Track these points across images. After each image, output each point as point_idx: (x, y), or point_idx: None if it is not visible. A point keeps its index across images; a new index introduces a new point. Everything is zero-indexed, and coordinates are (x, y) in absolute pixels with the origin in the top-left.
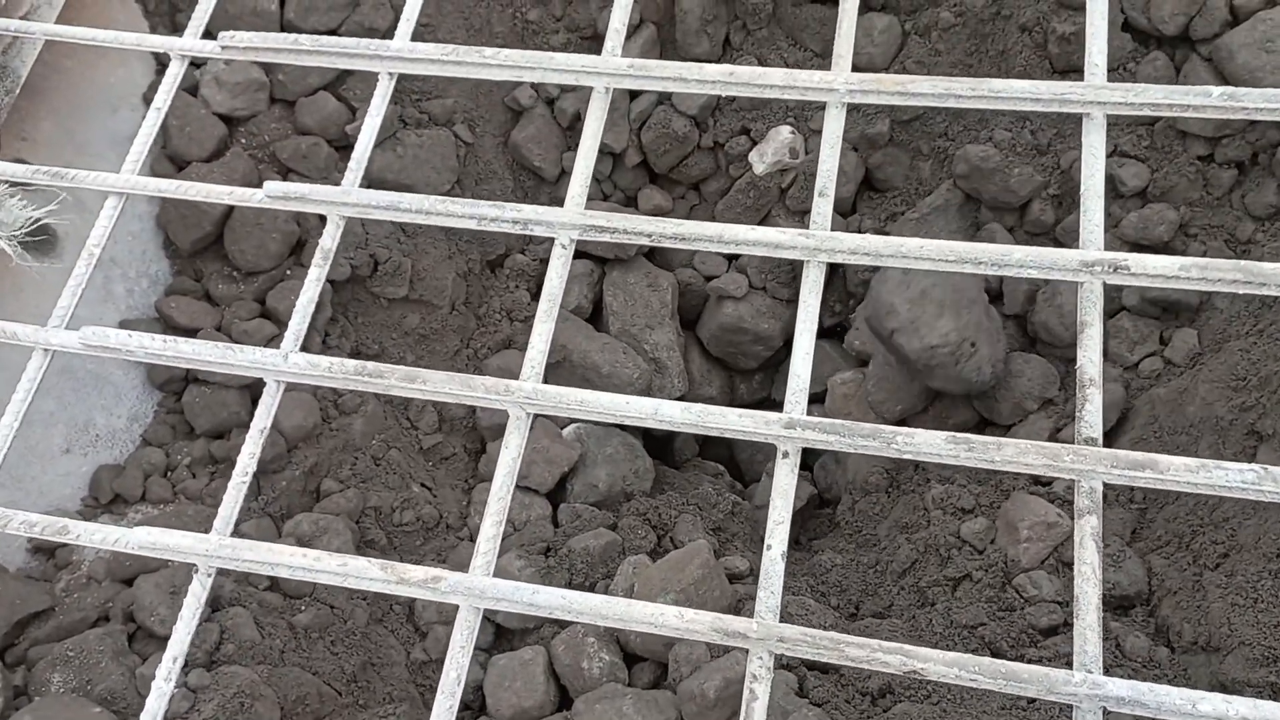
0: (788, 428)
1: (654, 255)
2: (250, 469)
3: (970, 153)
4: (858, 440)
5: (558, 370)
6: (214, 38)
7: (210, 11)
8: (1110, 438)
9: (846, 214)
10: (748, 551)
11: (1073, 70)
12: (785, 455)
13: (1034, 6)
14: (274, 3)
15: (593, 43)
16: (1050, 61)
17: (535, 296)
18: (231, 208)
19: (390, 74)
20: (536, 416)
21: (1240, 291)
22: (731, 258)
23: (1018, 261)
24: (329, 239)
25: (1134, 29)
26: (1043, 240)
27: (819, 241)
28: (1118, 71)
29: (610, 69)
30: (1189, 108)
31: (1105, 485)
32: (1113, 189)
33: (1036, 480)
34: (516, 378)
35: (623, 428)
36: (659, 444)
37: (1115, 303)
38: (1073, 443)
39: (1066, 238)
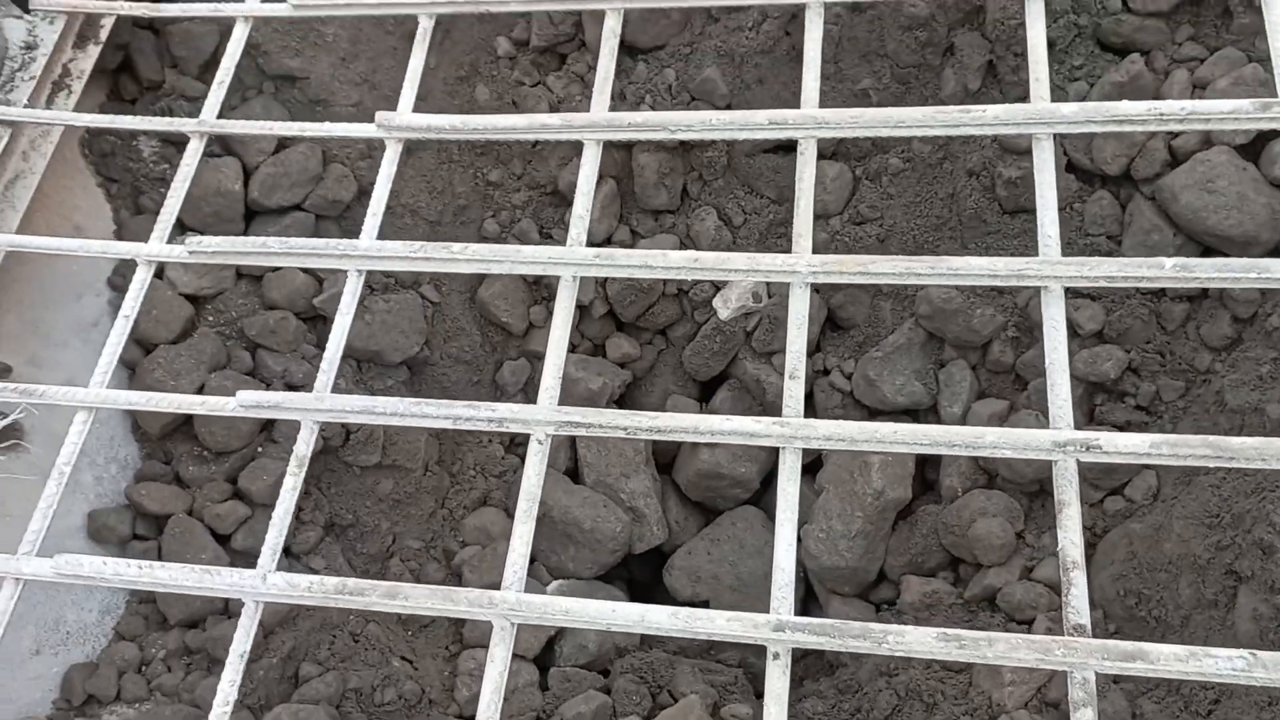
0: (776, 630)
1: (624, 402)
2: (232, 698)
3: (933, 294)
4: (848, 640)
5: (539, 527)
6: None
7: (176, 215)
8: (1090, 566)
9: (811, 353)
10: (752, 696)
11: (1021, 210)
12: (776, 657)
13: (979, 153)
14: (237, 182)
15: (554, 198)
16: (999, 203)
17: (509, 449)
18: (200, 390)
19: (359, 271)
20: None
21: (1211, 465)
22: (704, 399)
23: (990, 444)
24: (304, 445)
25: (1078, 169)
26: (1003, 378)
27: (794, 429)
28: (1064, 211)
29: (577, 259)
30: (1144, 279)
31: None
32: (1070, 331)
33: (1014, 619)
34: (493, 536)
35: (608, 578)
36: (647, 585)
37: None
38: (1061, 630)
39: (1026, 372)
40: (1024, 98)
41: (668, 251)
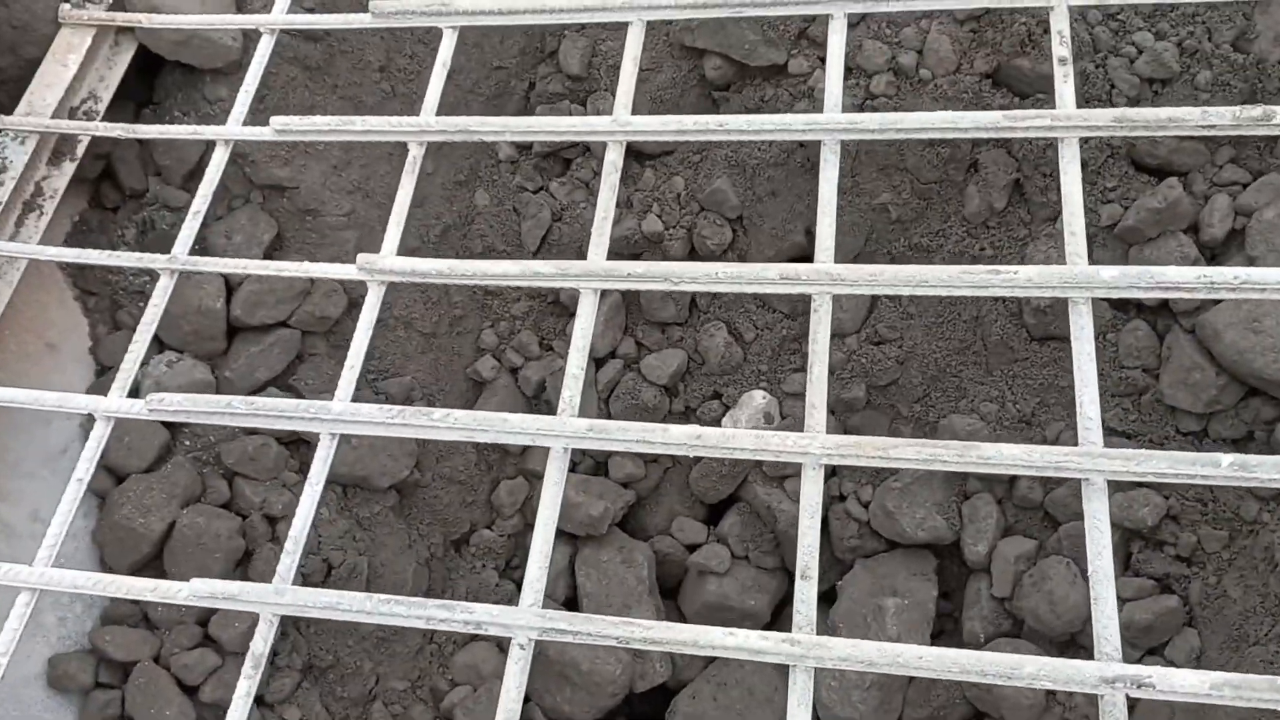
0: None
1: (627, 522)
2: None
3: (956, 425)
4: None
5: (533, 666)
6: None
7: (138, 366)
8: None
9: (827, 476)
10: None
11: (1051, 338)
12: None
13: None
14: (219, 299)
15: (555, 308)
16: (1027, 330)
17: (504, 574)
18: (170, 526)
19: (332, 435)
20: None
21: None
22: (710, 523)
23: (1029, 675)
24: (261, 641)
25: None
26: (1032, 515)
27: (805, 648)
28: (1099, 340)
29: (569, 431)
30: (1198, 477)
31: None
32: None
33: None
34: (485, 675)
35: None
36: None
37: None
38: None
39: (1056, 510)
40: (1053, 218)
41: (669, 427)
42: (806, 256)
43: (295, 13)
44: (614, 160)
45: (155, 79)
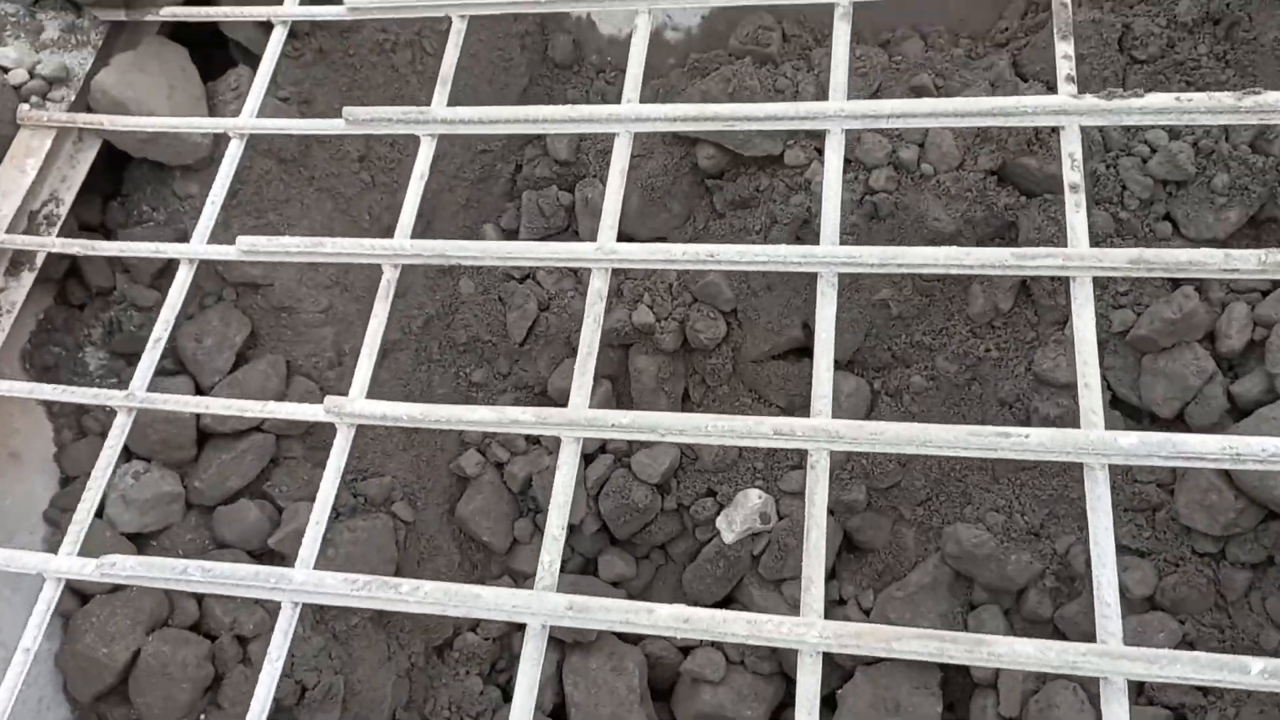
0: None
1: None
2: None
3: (962, 535)
4: None
5: None
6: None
7: (90, 518)
8: None
9: (827, 578)
10: None
11: None
12: None
13: (1011, 381)
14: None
15: (542, 400)
16: None
17: (488, 681)
18: (135, 654)
19: (294, 604)
20: None
21: None
22: None
23: None
24: None
25: (1124, 404)
26: (1041, 629)
27: None
28: None
29: (546, 609)
30: (1225, 681)
31: None
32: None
33: None
34: None
35: None
36: None
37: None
38: None
39: (1066, 627)
40: (1061, 322)
41: (654, 607)
42: (804, 350)
43: (267, 115)
44: (599, 289)
45: (123, 170)
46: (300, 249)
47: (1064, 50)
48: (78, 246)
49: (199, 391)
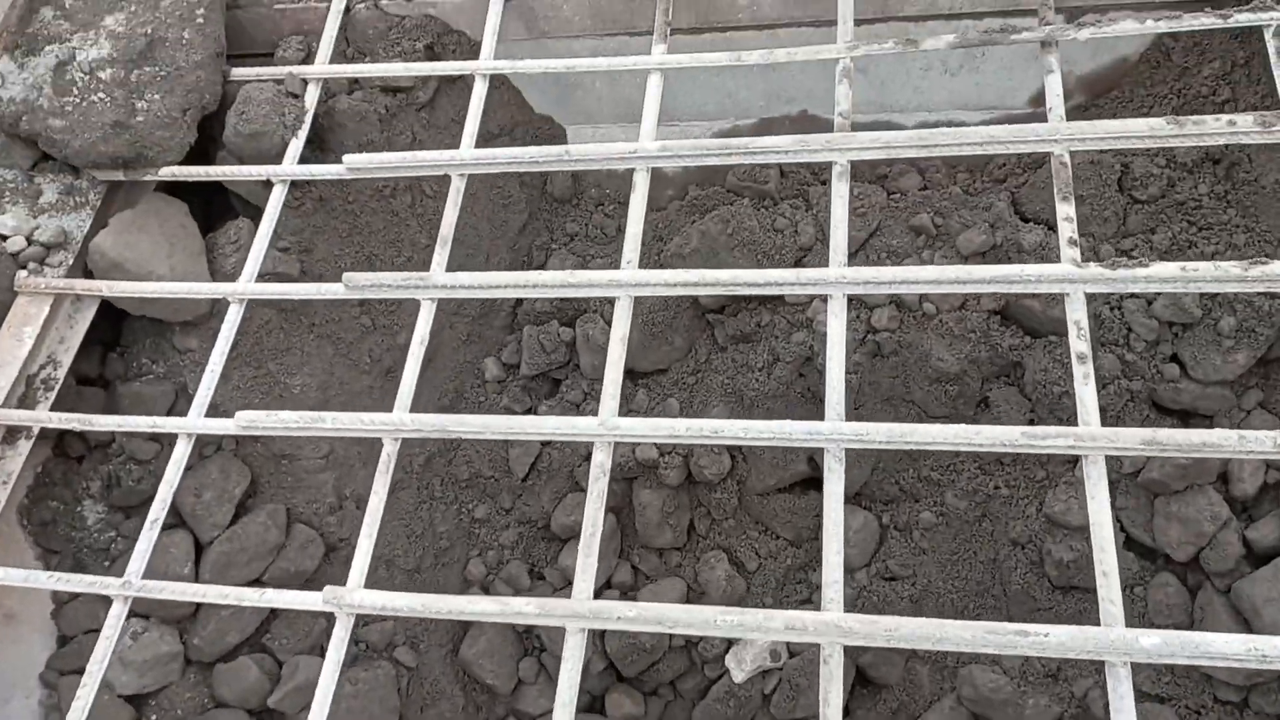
0: None
1: None
2: None
3: (978, 679)
4: None
5: None
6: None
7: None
8: None
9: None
10: None
11: (1074, 588)
12: None
13: (1023, 522)
14: (187, 564)
15: (545, 533)
16: (1049, 580)
17: None
18: None
19: None
20: None
21: None
22: None
23: None
24: None
25: (1137, 545)
26: None
27: None
28: (1126, 593)
29: None
30: None
31: None
32: None
33: None
34: None
35: None
36: None
37: None
38: None
39: None
40: (1073, 461)
41: None
42: (811, 481)
43: (267, 267)
44: (601, 463)
45: (123, 321)
46: (299, 423)
47: (1065, 212)
48: (75, 422)
49: (198, 546)
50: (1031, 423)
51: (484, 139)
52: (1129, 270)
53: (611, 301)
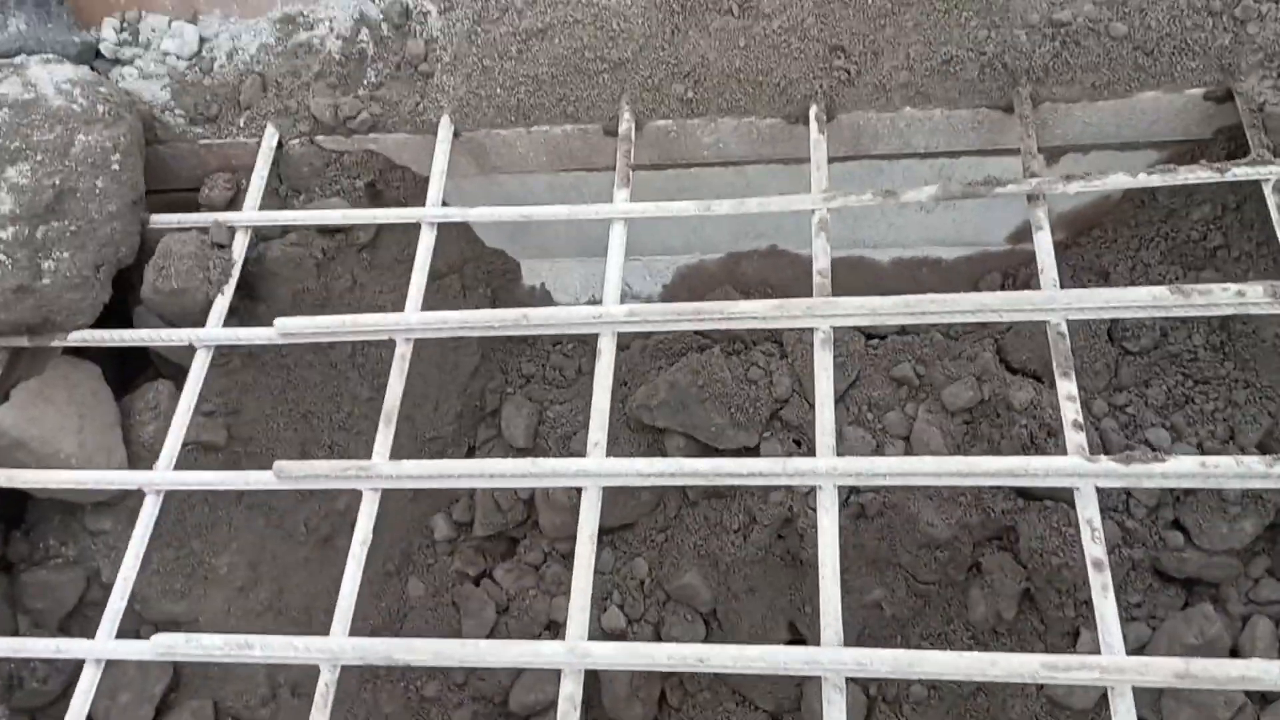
0: None
1: None
2: None
3: None
4: None
5: None
6: None
7: None
8: None
9: None
10: None
11: None
12: None
13: (1023, 701)
14: None
15: (502, 709)
16: None
17: None
18: None
19: None
20: None
21: None
22: None
23: None
24: None
25: None
26: None
27: None
28: None
29: None
30: None
31: None
32: None
33: None
34: None
35: None
36: None
37: None
38: None
39: None
40: (1072, 634)
41: None
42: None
43: (190, 436)
44: (571, 694)
45: (27, 499)
46: (224, 649)
47: (1067, 390)
48: None
49: None
50: (1027, 593)
51: (431, 276)
52: (1144, 466)
53: (570, 450)
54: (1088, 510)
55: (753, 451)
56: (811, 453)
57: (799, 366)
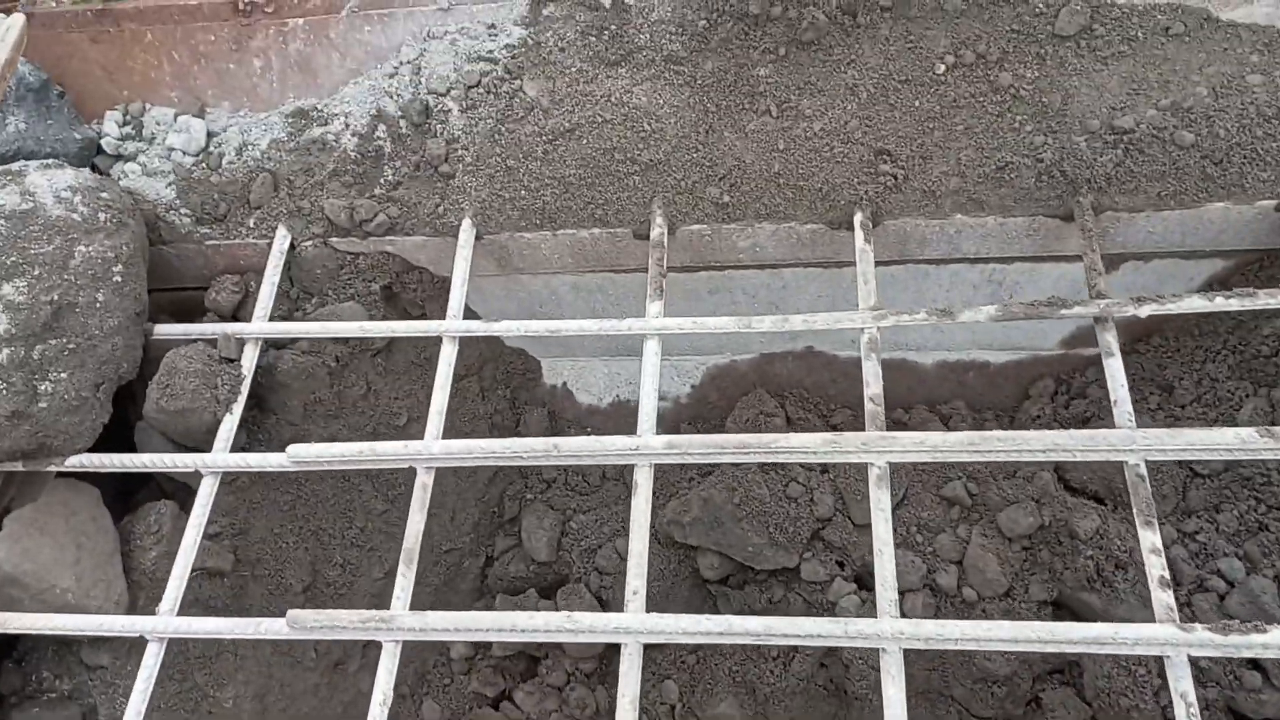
0: None
1: None
2: None
3: None
4: None
5: None
6: None
7: None
8: None
9: None
10: None
11: None
12: None
13: None
14: None
15: None
16: None
17: None
18: None
19: None
20: None
21: None
22: None
23: None
24: None
25: None
26: None
27: None
28: None
29: None
30: None
31: None
32: None
33: None
34: None
35: None
36: None
37: None
38: None
39: None
40: None
41: None
42: None
43: (193, 573)
44: None
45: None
46: None
47: (1151, 542)
48: None
49: None
50: None
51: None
52: (1243, 637)
53: (596, 565)
54: (1181, 683)
55: (793, 573)
56: (857, 579)
57: (842, 484)
